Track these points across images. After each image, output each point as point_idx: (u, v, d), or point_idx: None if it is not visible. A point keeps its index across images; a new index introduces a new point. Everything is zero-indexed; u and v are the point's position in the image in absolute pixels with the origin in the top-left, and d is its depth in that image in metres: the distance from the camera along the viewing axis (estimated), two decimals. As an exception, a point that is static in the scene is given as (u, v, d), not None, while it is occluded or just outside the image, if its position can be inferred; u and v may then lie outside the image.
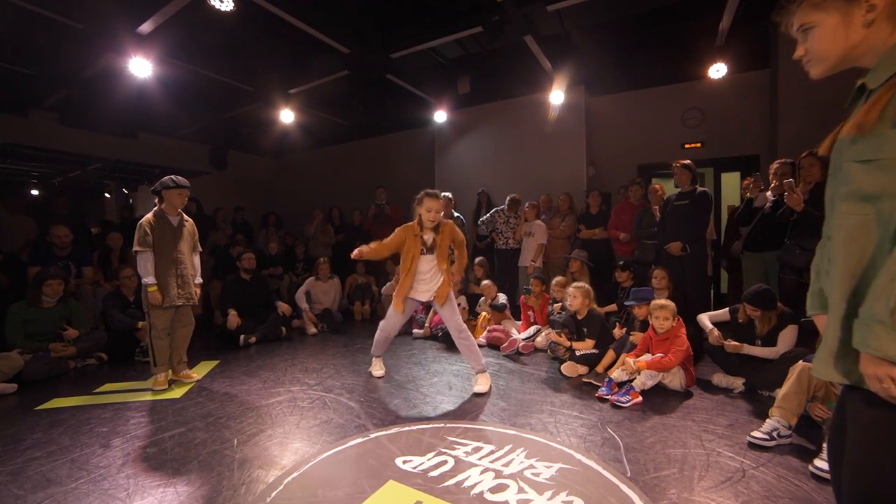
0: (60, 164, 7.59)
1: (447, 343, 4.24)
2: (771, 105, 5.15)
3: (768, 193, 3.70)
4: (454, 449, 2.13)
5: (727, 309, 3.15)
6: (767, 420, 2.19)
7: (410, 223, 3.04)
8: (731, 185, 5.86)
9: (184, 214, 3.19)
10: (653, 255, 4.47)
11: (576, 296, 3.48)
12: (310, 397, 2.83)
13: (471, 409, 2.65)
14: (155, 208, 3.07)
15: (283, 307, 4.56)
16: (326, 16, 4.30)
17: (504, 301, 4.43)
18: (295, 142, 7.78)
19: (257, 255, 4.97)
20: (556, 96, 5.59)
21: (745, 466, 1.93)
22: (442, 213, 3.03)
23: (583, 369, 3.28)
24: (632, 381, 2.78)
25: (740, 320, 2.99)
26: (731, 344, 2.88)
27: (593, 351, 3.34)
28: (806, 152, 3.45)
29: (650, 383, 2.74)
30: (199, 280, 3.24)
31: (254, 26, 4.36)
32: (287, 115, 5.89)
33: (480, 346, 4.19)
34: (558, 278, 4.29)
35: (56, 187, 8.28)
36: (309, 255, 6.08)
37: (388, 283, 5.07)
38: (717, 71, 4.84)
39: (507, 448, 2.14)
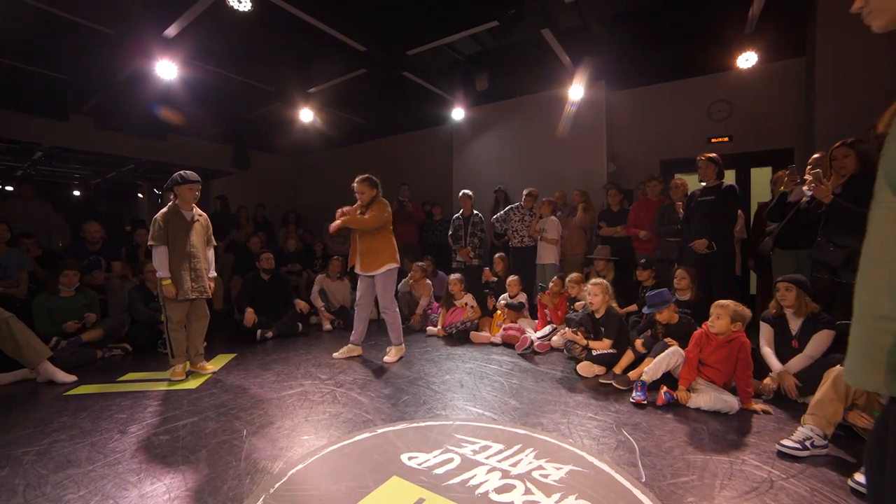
0: (98, 166, 7.98)
1: (461, 341, 4.21)
2: (807, 95, 4.87)
3: (804, 187, 3.49)
4: (461, 447, 2.08)
5: (762, 322, 2.91)
6: (799, 428, 2.04)
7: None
8: (762, 181, 5.56)
9: (197, 209, 3.26)
10: (676, 254, 4.29)
11: (595, 293, 3.36)
12: (320, 391, 2.84)
13: (481, 407, 2.59)
14: (169, 203, 3.15)
15: (300, 304, 4.62)
16: (342, 14, 4.32)
17: (522, 300, 4.35)
18: (315, 141, 7.91)
19: (277, 252, 5.06)
20: (576, 91, 5.46)
21: (773, 477, 1.80)
22: (370, 195, 3.69)
23: (599, 369, 3.17)
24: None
25: (773, 312, 2.80)
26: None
27: (611, 351, 3.22)
28: (839, 143, 3.22)
29: (705, 406, 2.48)
30: (213, 273, 3.30)
31: (272, 27, 4.43)
32: (306, 115, 5.98)
33: (495, 344, 4.13)
34: (574, 275, 4.17)
35: (94, 188, 8.70)
36: (327, 252, 6.15)
37: (403, 281, 5.06)
38: (747, 60, 4.60)
39: (516, 448, 2.08)
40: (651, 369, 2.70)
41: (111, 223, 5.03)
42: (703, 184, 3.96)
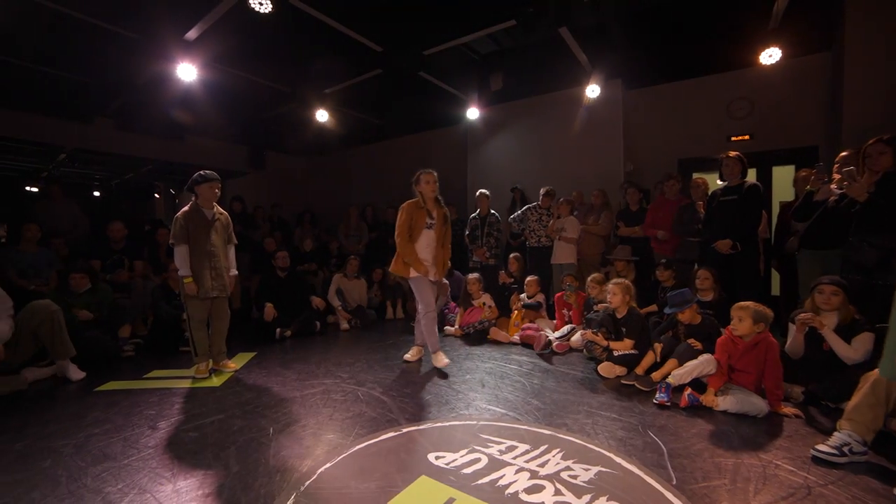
0: (117, 168, 8.13)
1: (479, 341, 4.20)
2: (833, 91, 4.76)
3: (833, 186, 3.41)
4: (487, 447, 2.08)
5: (790, 324, 2.80)
6: (836, 433, 1.98)
7: (413, 199, 3.33)
8: (784, 180, 5.46)
9: (218, 207, 3.27)
10: (696, 254, 4.23)
11: (615, 292, 3.33)
12: (343, 390, 2.86)
13: (504, 407, 2.58)
14: (190, 202, 3.18)
15: (316, 301, 4.66)
16: (359, 14, 4.34)
17: (539, 300, 4.33)
18: (329, 141, 7.96)
19: (293, 251, 5.10)
20: (593, 90, 5.41)
21: (809, 483, 1.76)
22: (436, 189, 3.33)
23: (620, 370, 3.14)
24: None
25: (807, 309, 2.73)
26: (815, 318, 2.54)
27: (632, 352, 3.18)
28: (874, 139, 3.14)
29: (732, 409, 2.44)
30: (233, 272, 3.33)
31: (290, 28, 4.47)
32: (322, 115, 6.03)
33: (514, 344, 4.12)
34: (595, 275, 4.14)
35: (114, 189, 8.88)
36: (343, 252, 6.19)
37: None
38: (770, 56, 4.51)
39: (542, 448, 2.06)
40: (680, 373, 2.66)
41: (130, 223, 5.11)
42: (725, 183, 3.90)
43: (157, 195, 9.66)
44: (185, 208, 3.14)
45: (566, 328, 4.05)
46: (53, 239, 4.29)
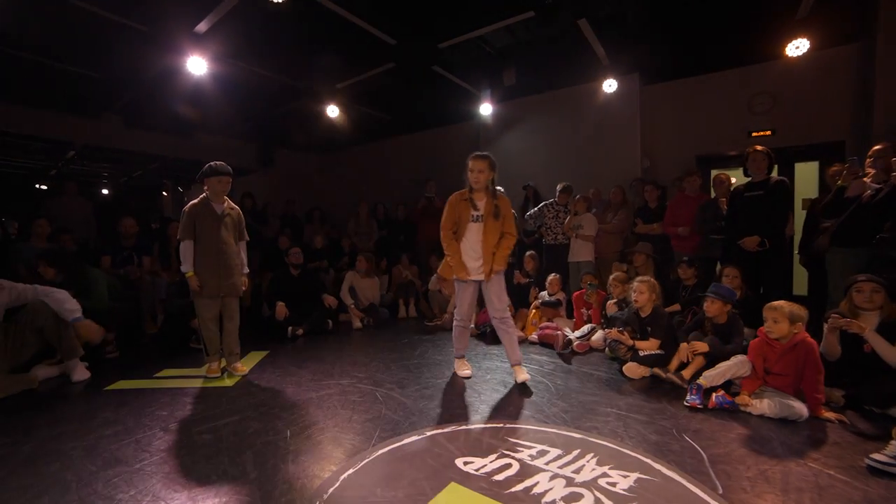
0: (125, 164, 8.08)
1: (495, 339, 4.07)
2: (862, 84, 4.60)
3: (866, 179, 3.27)
4: (517, 451, 1.97)
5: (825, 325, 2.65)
6: (892, 442, 1.85)
7: (461, 190, 2.98)
8: (807, 177, 5.31)
9: (229, 202, 3.11)
10: (720, 252, 4.10)
11: (641, 290, 3.21)
12: (360, 391, 2.76)
13: (529, 408, 2.47)
14: (201, 195, 3.03)
15: (328, 300, 4.56)
16: (373, 6, 4.24)
17: (558, 298, 4.21)
18: (340, 137, 7.87)
19: (303, 249, 5.01)
20: (610, 85, 5.28)
21: (870, 496, 1.63)
22: (488, 177, 2.87)
23: (646, 371, 3.02)
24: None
25: (842, 314, 2.59)
26: (853, 323, 2.40)
27: (658, 352, 3.06)
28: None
29: (770, 413, 2.30)
30: (245, 270, 3.18)
31: (302, 21, 4.37)
32: (333, 111, 5.94)
33: (532, 343, 4.01)
34: (617, 273, 4.02)
35: (122, 186, 8.84)
36: (354, 249, 6.10)
37: (433, 279, 4.97)
38: (798, 48, 4.36)
39: (575, 453, 1.95)
40: (712, 375, 2.54)
41: (139, 220, 5.06)
42: (749, 178, 3.77)
43: (165, 192, 9.62)
44: (194, 201, 2.99)
45: (586, 327, 3.93)
46: (61, 235, 4.22)
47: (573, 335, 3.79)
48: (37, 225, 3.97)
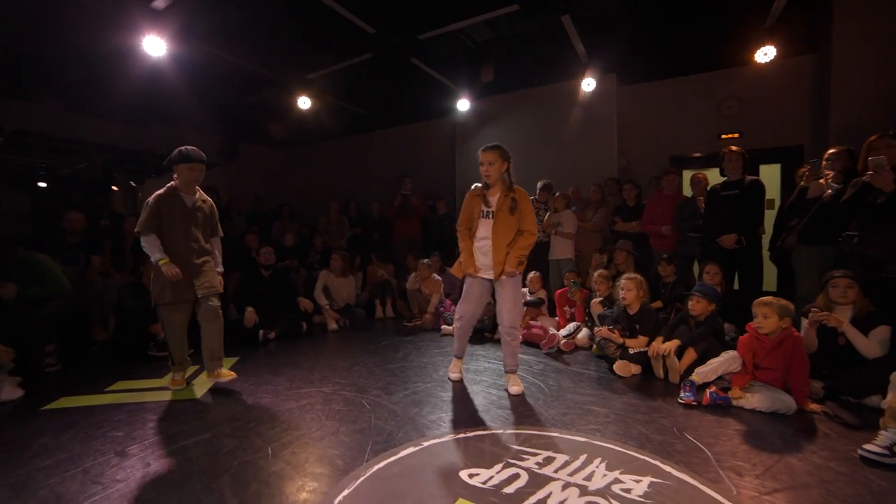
0: (68, 155, 7.32)
1: (480, 340, 3.98)
2: (820, 92, 4.86)
3: (822, 181, 3.43)
4: (523, 459, 1.85)
5: (804, 318, 2.74)
6: (882, 432, 1.89)
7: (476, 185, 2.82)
8: (771, 178, 5.56)
9: (201, 193, 2.77)
10: (698, 250, 4.19)
11: (629, 287, 3.20)
12: (344, 399, 2.56)
13: (525, 412, 2.37)
14: (169, 184, 2.66)
15: (304, 303, 4.29)
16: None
17: (542, 297, 4.16)
18: (308, 131, 7.51)
19: (272, 247, 4.69)
20: (589, 84, 5.31)
21: (873, 488, 1.63)
22: (500, 169, 2.67)
23: (636, 369, 3.01)
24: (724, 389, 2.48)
25: (819, 308, 2.66)
26: (832, 317, 2.49)
27: (647, 349, 3.05)
28: (877, 134, 3.15)
29: (762, 407, 2.33)
30: (220, 269, 2.86)
31: (276, 2, 4.09)
32: (304, 102, 5.63)
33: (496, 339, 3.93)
34: (601, 270, 4.01)
35: (64, 179, 8.01)
36: (327, 247, 5.81)
37: (411, 278, 4.79)
38: (765, 55, 4.54)
39: (582, 458, 1.86)
40: (704, 371, 2.54)
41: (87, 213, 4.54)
42: (725, 178, 3.87)
43: (114, 187, 8.82)
44: (160, 191, 2.62)
45: (571, 326, 3.89)
46: None
47: (560, 334, 3.75)
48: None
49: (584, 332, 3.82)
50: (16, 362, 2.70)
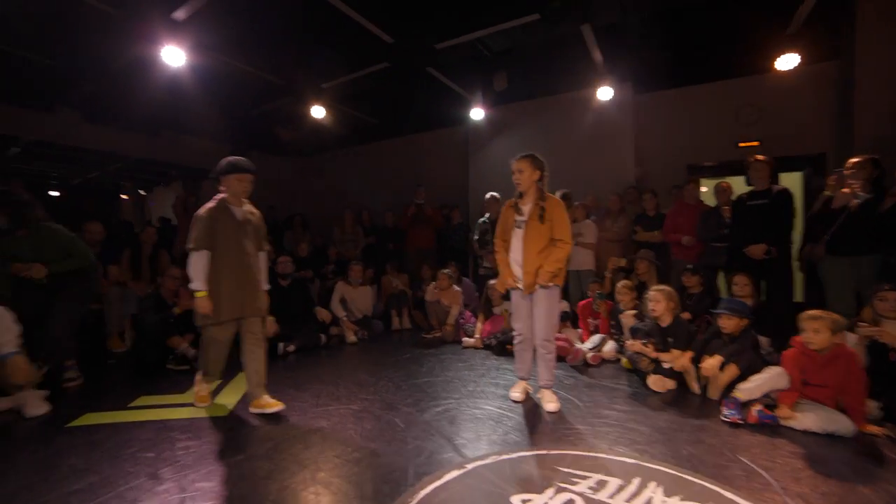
0: (83, 164, 7.33)
1: (504, 352, 3.88)
2: (843, 99, 4.81)
3: (846, 190, 3.37)
4: (574, 483, 1.76)
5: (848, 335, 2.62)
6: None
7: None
8: (791, 187, 5.48)
9: (249, 205, 2.61)
10: (723, 260, 4.11)
11: (658, 299, 3.11)
12: (375, 416, 2.47)
13: (565, 430, 2.28)
14: (218, 196, 2.51)
15: (323, 314, 4.21)
16: (368, 1, 4.00)
17: (565, 309, 4.07)
18: (320, 141, 7.50)
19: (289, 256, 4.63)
20: (605, 92, 5.28)
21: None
22: (532, 178, 2.64)
23: (671, 384, 2.92)
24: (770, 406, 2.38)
25: (866, 322, 2.58)
26: (885, 332, 2.39)
27: (675, 363, 2.96)
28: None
29: (816, 428, 2.21)
30: (266, 286, 2.67)
31: (294, 12, 4.08)
32: (318, 111, 5.60)
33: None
34: (624, 281, 3.93)
35: (76, 188, 8.02)
36: (341, 257, 5.75)
37: (429, 288, 4.71)
38: (787, 62, 4.49)
39: (636, 482, 1.77)
40: (748, 388, 2.45)
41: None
42: (751, 187, 3.81)
43: (124, 196, 8.84)
44: (210, 205, 2.46)
45: (596, 338, 3.81)
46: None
47: (585, 347, 3.66)
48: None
49: (611, 344, 3.73)
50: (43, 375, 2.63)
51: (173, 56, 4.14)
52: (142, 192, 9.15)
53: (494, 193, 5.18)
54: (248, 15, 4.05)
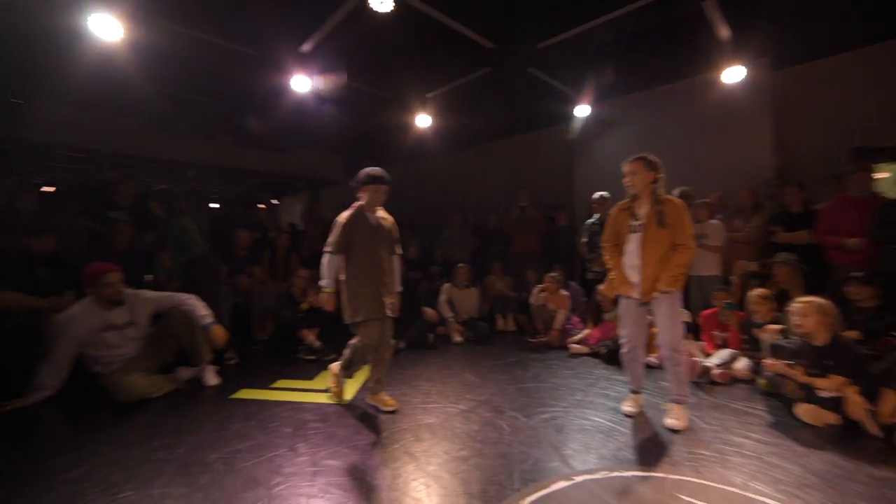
0: (233, 181, 8.83)
1: (613, 361, 3.66)
2: None
3: None
4: (700, 516, 1.59)
5: None
6: None
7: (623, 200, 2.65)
8: None
9: (383, 212, 2.77)
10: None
11: (806, 313, 2.62)
12: (481, 418, 2.53)
13: (686, 454, 2.07)
14: (355, 204, 2.70)
15: (429, 314, 4.43)
16: (472, 8, 4.08)
17: (687, 318, 3.68)
18: (425, 147, 7.88)
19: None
20: (735, 73, 4.61)
21: None
22: (645, 180, 2.49)
23: (832, 418, 2.43)
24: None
25: None
26: None
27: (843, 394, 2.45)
28: None
29: None
30: (398, 288, 2.81)
31: (401, 31, 4.35)
32: (423, 120, 5.90)
33: (651, 366, 3.53)
34: (761, 290, 3.40)
35: (230, 201, 9.70)
36: (448, 259, 5.98)
37: (535, 292, 4.63)
38: None
39: (782, 528, 1.53)
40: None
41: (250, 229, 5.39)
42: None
43: (262, 205, 10.40)
44: (349, 212, 2.66)
45: (725, 353, 3.36)
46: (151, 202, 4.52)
47: (711, 362, 3.26)
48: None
49: (743, 361, 3.26)
50: (214, 352, 3.29)
51: (301, 84, 4.75)
52: (274, 202, 10.65)
53: (604, 193, 4.89)
54: (362, 40, 4.44)
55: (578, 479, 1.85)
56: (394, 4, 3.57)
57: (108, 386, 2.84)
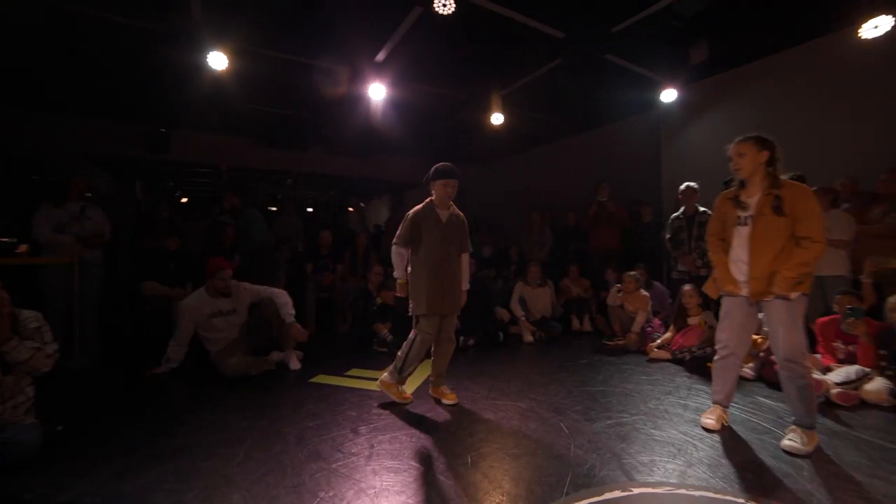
0: (324, 186, 9.70)
1: (698, 370, 3.29)
2: None
3: None
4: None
5: None
6: None
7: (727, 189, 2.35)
8: None
9: (454, 208, 2.76)
10: None
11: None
12: (540, 417, 2.45)
13: (780, 484, 1.76)
14: (426, 200, 2.74)
15: (501, 313, 4.41)
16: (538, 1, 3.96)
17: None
18: (501, 145, 7.85)
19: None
20: (873, 27, 3.80)
21: None
22: (756, 161, 2.12)
23: None
24: None
25: None
26: None
27: None
28: None
29: None
30: (466, 286, 2.81)
31: (467, 30, 4.39)
32: (497, 118, 5.87)
33: (747, 378, 3.10)
34: (903, 295, 2.78)
35: (321, 205, 10.69)
36: (523, 258, 5.88)
37: (612, 292, 4.34)
38: None
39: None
40: None
41: (335, 233, 5.89)
42: None
43: (350, 209, 11.26)
44: (418, 207, 2.71)
45: (852, 371, 2.80)
46: (281, 246, 5.15)
47: (830, 378, 2.75)
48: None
49: (879, 382, 2.69)
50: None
51: (377, 91, 5.04)
52: (361, 205, 11.44)
53: (691, 184, 4.41)
54: (431, 44, 4.57)
55: (636, 490, 1.70)
56: (455, 5, 3.62)
57: (216, 362, 3.34)
